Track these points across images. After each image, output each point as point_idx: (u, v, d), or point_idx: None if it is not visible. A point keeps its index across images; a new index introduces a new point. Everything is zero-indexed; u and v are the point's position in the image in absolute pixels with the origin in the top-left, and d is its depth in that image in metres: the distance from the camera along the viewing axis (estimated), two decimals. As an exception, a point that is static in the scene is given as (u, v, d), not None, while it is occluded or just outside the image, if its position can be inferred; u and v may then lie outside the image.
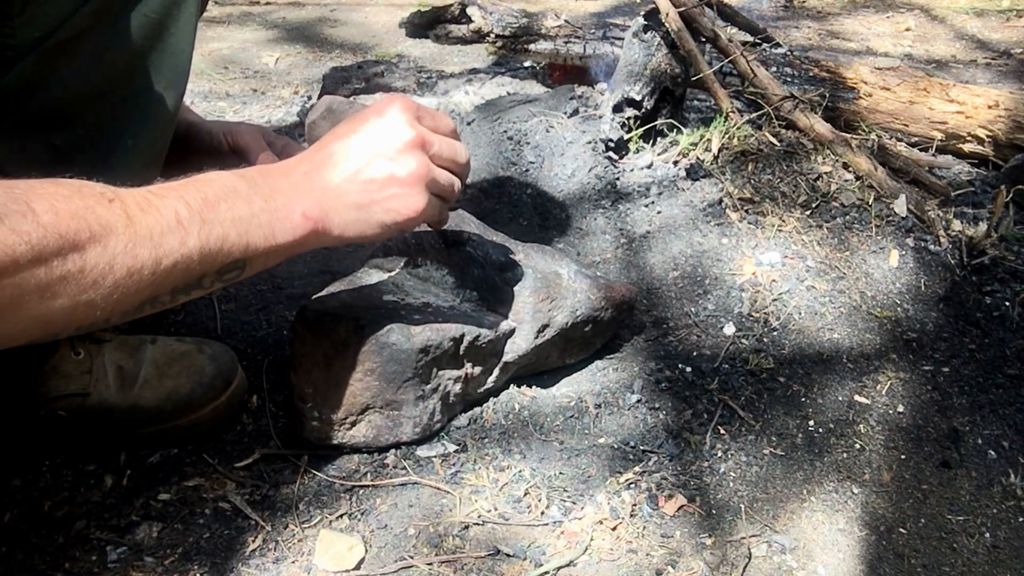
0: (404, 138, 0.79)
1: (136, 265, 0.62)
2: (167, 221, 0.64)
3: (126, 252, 0.61)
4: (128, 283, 0.62)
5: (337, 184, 0.77)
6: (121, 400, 0.95)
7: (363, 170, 0.78)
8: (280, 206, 0.73)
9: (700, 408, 1.06)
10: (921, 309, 1.23)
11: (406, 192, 0.79)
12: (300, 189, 0.75)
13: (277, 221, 0.72)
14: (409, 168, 0.78)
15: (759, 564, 0.88)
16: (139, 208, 0.63)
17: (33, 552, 0.84)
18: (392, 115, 0.80)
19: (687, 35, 1.44)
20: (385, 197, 0.78)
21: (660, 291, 1.27)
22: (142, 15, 0.78)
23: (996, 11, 3.08)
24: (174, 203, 0.65)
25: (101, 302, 0.61)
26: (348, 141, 0.79)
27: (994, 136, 1.68)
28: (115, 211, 0.61)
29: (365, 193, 0.78)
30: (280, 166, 0.77)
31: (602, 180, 1.46)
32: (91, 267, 0.59)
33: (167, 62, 0.82)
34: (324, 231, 0.76)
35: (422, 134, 0.80)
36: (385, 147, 0.78)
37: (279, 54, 2.57)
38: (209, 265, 0.68)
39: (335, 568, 0.83)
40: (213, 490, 0.92)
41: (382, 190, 0.78)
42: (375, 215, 0.78)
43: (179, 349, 1.01)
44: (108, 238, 0.60)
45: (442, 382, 0.97)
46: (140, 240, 0.62)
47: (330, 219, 0.76)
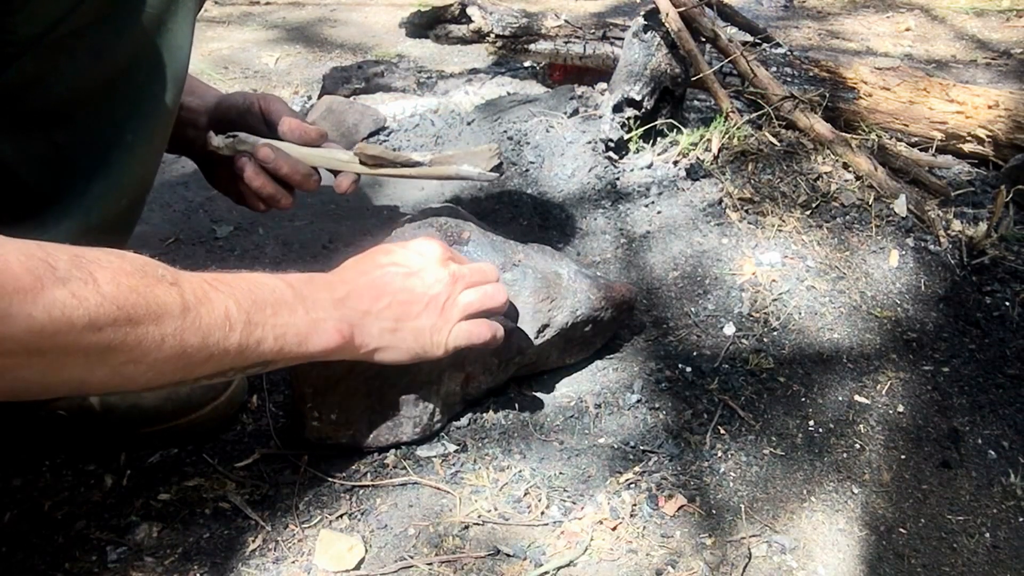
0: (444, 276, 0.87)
1: (181, 350, 0.65)
2: (217, 315, 0.68)
3: (175, 336, 0.64)
4: (168, 364, 0.65)
5: (378, 310, 0.83)
6: (121, 400, 0.95)
7: (403, 300, 0.84)
8: (319, 319, 0.78)
9: (700, 408, 1.06)
10: (921, 309, 1.23)
11: (438, 325, 0.86)
12: (340, 308, 0.80)
13: (313, 333, 0.77)
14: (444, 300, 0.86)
15: (759, 564, 0.88)
16: (195, 297, 0.66)
17: (33, 552, 0.84)
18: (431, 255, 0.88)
19: (687, 35, 1.44)
20: (417, 327, 0.85)
21: (660, 291, 1.27)
22: (142, 11, 0.78)
23: (996, 11, 3.08)
24: (226, 299, 0.69)
25: (138, 376, 0.64)
26: (391, 272, 0.86)
27: (994, 136, 1.68)
28: (173, 295, 0.64)
29: (399, 321, 0.84)
30: (327, 282, 0.83)
31: (602, 180, 1.46)
32: (140, 343, 0.62)
33: (167, 58, 0.82)
34: (353, 348, 0.81)
35: (455, 272, 0.88)
36: (427, 281, 0.86)
37: (279, 54, 2.57)
38: (241, 361, 0.71)
39: (335, 568, 0.83)
40: (213, 490, 0.92)
41: (416, 320, 0.85)
42: (405, 341, 0.85)
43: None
44: (163, 319, 0.63)
45: (442, 382, 0.97)
46: (191, 328, 0.65)
47: (363, 339, 0.82)
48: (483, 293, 0.90)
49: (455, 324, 0.87)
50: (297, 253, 1.39)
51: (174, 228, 1.46)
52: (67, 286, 0.57)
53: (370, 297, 0.83)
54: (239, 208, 1.08)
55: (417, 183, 1.58)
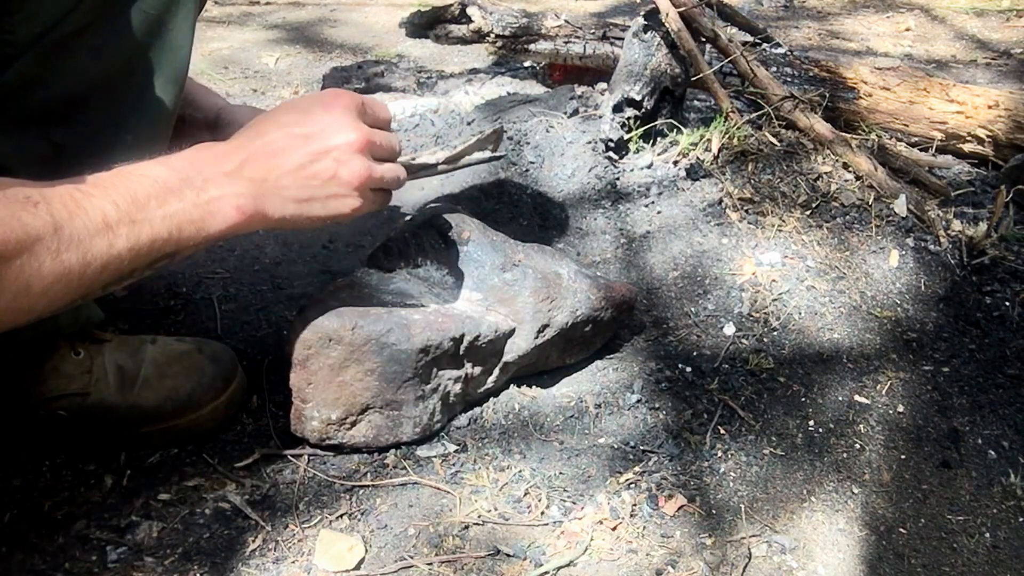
0: (351, 139, 0.79)
1: (63, 271, 0.62)
2: (94, 224, 0.64)
3: (54, 259, 0.61)
4: (57, 288, 0.62)
5: (276, 178, 0.76)
6: (121, 400, 0.95)
7: (306, 166, 0.77)
8: (212, 199, 0.72)
9: (700, 408, 1.06)
10: (921, 309, 1.23)
11: (347, 193, 0.79)
12: (235, 180, 0.74)
13: (209, 215, 0.71)
14: (353, 171, 0.79)
15: (759, 564, 0.88)
16: (67, 211, 0.62)
17: (33, 552, 0.84)
18: (340, 113, 0.79)
19: (687, 35, 1.44)
20: (325, 195, 0.79)
21: (660, 291, 1.27)
22: (141, 11, 0.78)
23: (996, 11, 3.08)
24: (102, 203, 0.65)
25: (36, 305, 0.62)
26: (292, 133, 0.78)
27: (994, 136, 1.68)
28: (41, 217, 0.60)
29: (305, 189, 0.77)
30: (215, 153, 0.75)
31: (602, 180, 1.46)
32: (20, 275, 0.59)
33: (166, 58, 0.82)
34: (258, 221, 0.76)
35: (368, 135, 0.80)
36: (331, 146, 0.78)
37: (279, 54, 2.57)
38: (139, 262, 0.68)
39: (335, 568, 0.83)
40: (213, 490, 0.92)
41: (323, 188, 0.78)
42: (312, 210, 0.79)
43: (179, 349, 1.01)
44: (35, 246, 0.60)
45: (442, 382, 0.97)
46: (68, 246, 0.62)
47: (265, 210, 0.75)
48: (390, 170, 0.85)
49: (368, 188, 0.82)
50: (297, 253, 1.39)
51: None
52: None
53: (268, 163, 0.76)
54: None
55: (417, 183, 1.58)
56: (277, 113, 0.80)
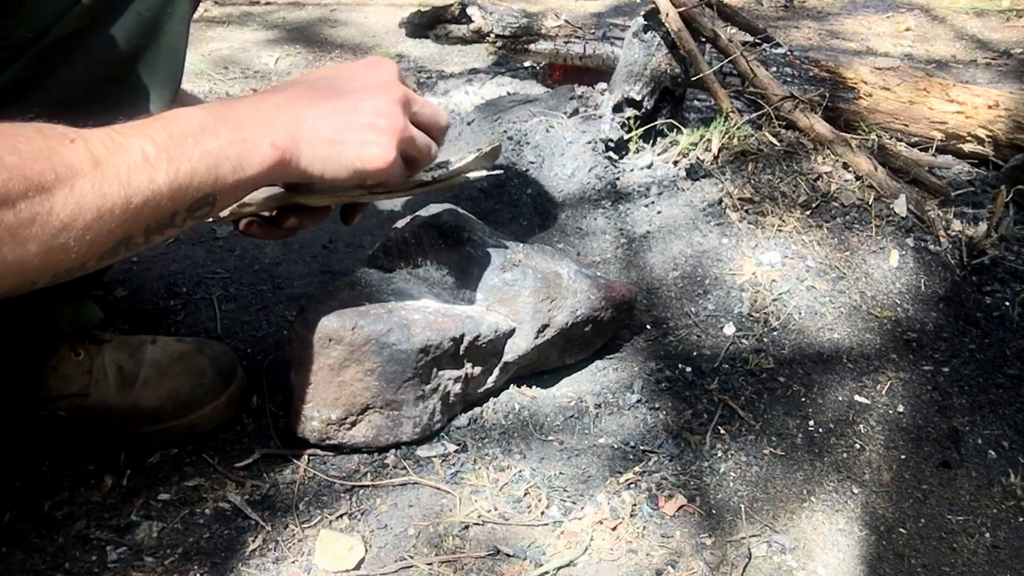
0: (391, 91, 0.79)
1: (106, 205, 0.61)
2: (134, 159, 0.63)
3: (94, 192, 0.60)
4: (99, 224, 0.61)
5: (314, 118, 0.76)
6: (121, 400, 0.95)
7: (344, 109, 0.77)
8: (248, 136, 0.71)
9: (700, 408, 1.06)
10: (921, 309, 1.23)
11: (381, 141, 0.78)
12: (270, 119, 0.73)
13: (246, 152, 0.71)
14: (391, 118, 0.78)
15: (759, 564, 0.88)
16: (104, 148, 0.62)
17: (33, 552, 0.84)
18: (382, 69, 0.80)
19: (687, 35, 1.44)
20: (360, 141, 0.77)
21: (660, 291, 1.27)
22: (136, 13, 0.78)
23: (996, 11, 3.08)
24: (140, 141, 0.64)
25: (74, 244, 0.60)
26: (332, 80, 0.79)
27: (994, 136, 1.68)
28: (79, 151, 0.60)
29: (341, 131, 0.76)
30: (250, 97, 0.76)
31: (602, 180, 1.46)
32: (60, 209, 0.58)
33: (161, 60, 0.82)
34: (292, 162, 0.74)
35: (408, 93, 0.80)
36: (371, 94, 0.78)
37: (279, 54, 2.57)
38: (180, 202, 0.67)
39: (335, 568, 0.83)
40: (213, 490, 0.92)
41: (359, 133, 0.77)
42: (345, 155, 0.76)
43: (179, 349, 1.01)
44: (75, 179, 0.59)
45: (442, 382, 0.97)
46: (108, 180, 0.61)
47: (300, 150, 0.74)
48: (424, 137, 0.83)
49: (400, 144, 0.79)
50: (297, 253, 1.39)
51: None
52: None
53: (306, 101, 0.76)
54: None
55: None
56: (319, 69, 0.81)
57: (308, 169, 0.75)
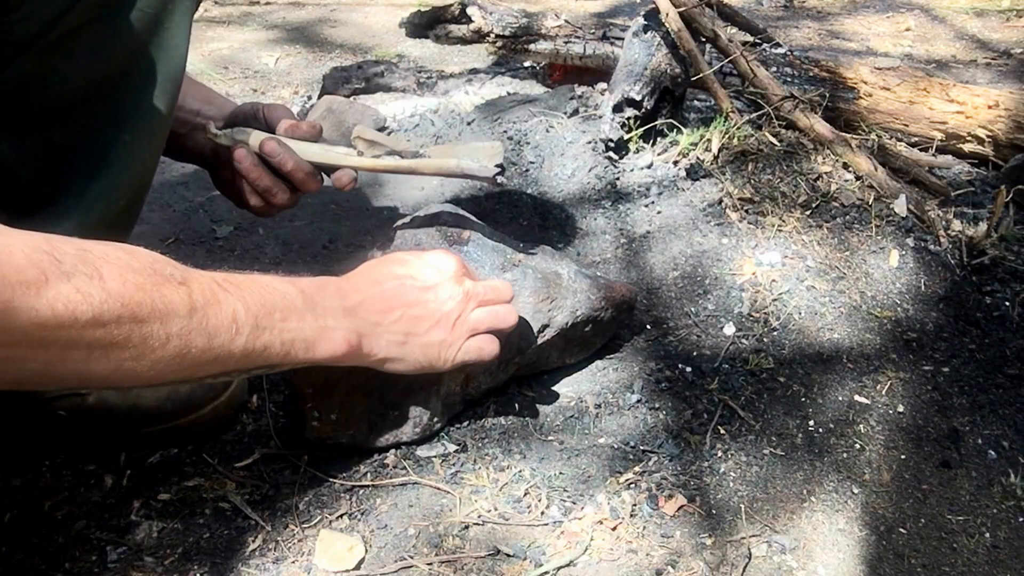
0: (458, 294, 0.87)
1: (186, 351, 0.65)
2: (225, 317, 0.68)
3: (181, 336, 0.64)
4: (171, 364, 0.65)
5: (388, 323, 0.83)
6: (121, 400, 0.95)
7: (415, 315, 0.84)
8: (328, 327, 0.77)
9: (700, 408, 1.06)
10: (921, 309, 1.23)
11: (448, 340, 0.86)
12: (351, 317, 0.80)
13: (321, 341, 0.77)
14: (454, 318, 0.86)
15: (759, 564, 0.88)
16: (203, 298, 0.66)
17: (33, 552, 0.84)
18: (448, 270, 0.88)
19: (687, 35, 1.43)
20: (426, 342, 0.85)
21: (660, 291, 1.27)
22: (139, 10, 0.78)
23: (996, 11, 3.08)
24: (235, 302, 0.69)
25: (140, 372, 0.63)
26: (405, 284, 0.85)
27: (994, 136, 1.68)
28: (181, 295, 0.64)
29: (409, 335, 0.84)
30: (338, 289, 0.82)
31: (602, 180, 1.46)
32: (144, 340, 0.62)
33: (164, 57, 0.82)
34: (359, 356, 0.81)
35: (467, 290, 0.88)
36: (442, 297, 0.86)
37: (279, 54, 2.57)
38: (246, 364, 0.71)
39: (335, 568, 0.83)
40: (213, 490, 0.92)
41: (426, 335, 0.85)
42: (411, 352, 0.85)
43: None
44: (169, 319, 0.63)
45: (442, 382, 0.97)
46: (197, 329, 0.65)
47: (370, 348, 0.82)
48: (494, 314, 0.90)
49: (464, 341, 0.88)
50: (297, 253, 1.39)
51: (174, 228, 1.46)
52: (72, 281, 0.57)
53: (382, 309, 0.83)
54: (239, 208, 1.08)
55: (417, 183, 1.58)
56: (391, 263, 0.88)
57: (376, 364, 0.84)
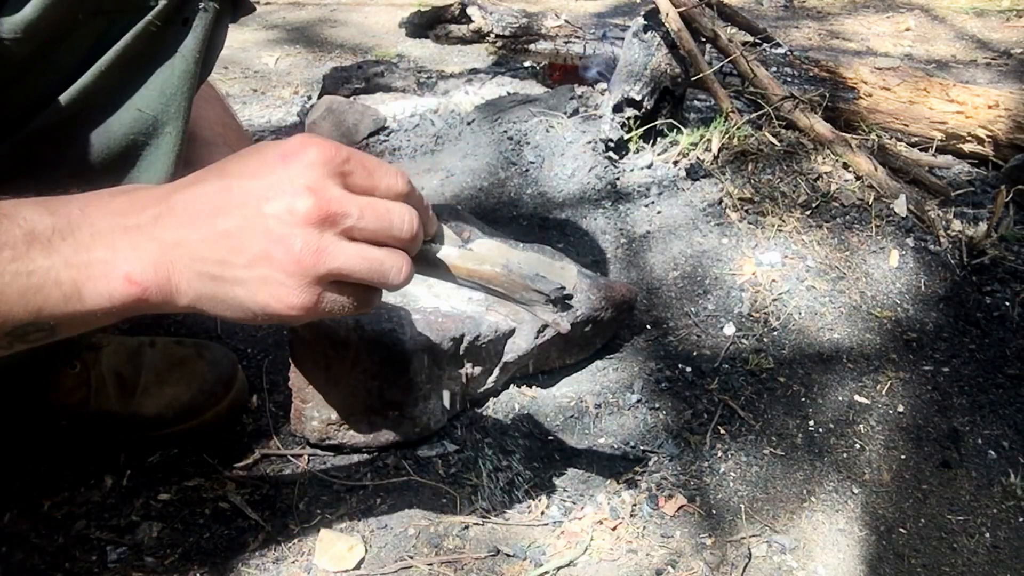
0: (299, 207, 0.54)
1: None
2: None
3: None
4: None
5: (195, 243, 0.54)
6: (121, 409, 0.94)
7: (232, 234, 0.54)
8: (95, 260, 0.53)
9: (700, 408, 1.06)
10: (921, 309, 1.23)
11: (281, 281, 0.54)
12: (136, 239, 0.54)
13: (87, 280, 0.53)
14: (291, 251, 0.54)
15: (759, 564, 0.88)
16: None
17: (33, 552, 0.84)
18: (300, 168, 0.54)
19: (687, 35, 1.43)
20: (252, 278, 0.55)
21: (660, 291, 1.27)
22: (135, 109, 0.73)
23: (996, 11, 3.08)
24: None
25: None
26: (230, 185, 0.55)
27: (994, 136, 1.68)
28: None
29: (227, 265, 0.55)
30: (125, 200, 0.56)
31: (602, 180, 1.46)
32: None
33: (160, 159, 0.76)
34: (162, 299, 0.55)
35: (329, 204, 0.54)
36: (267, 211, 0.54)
37: (279, 54, 2.57)
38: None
39: (335, 568, 0.83)
40: (213, 490, 0.92)
41: (249, 268, 0.54)
42: (233, 295, 0.55)
43: (179, 354, 1.00)
44: None
45: (442, 382, 0.97)
46: None
47: (173, 285, 0.55)
48: (371, 259, 0.57)
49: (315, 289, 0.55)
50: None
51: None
52: None
53: (188, 222, 0.55)
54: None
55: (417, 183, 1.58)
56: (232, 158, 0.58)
57: (192, 305, 0.56)
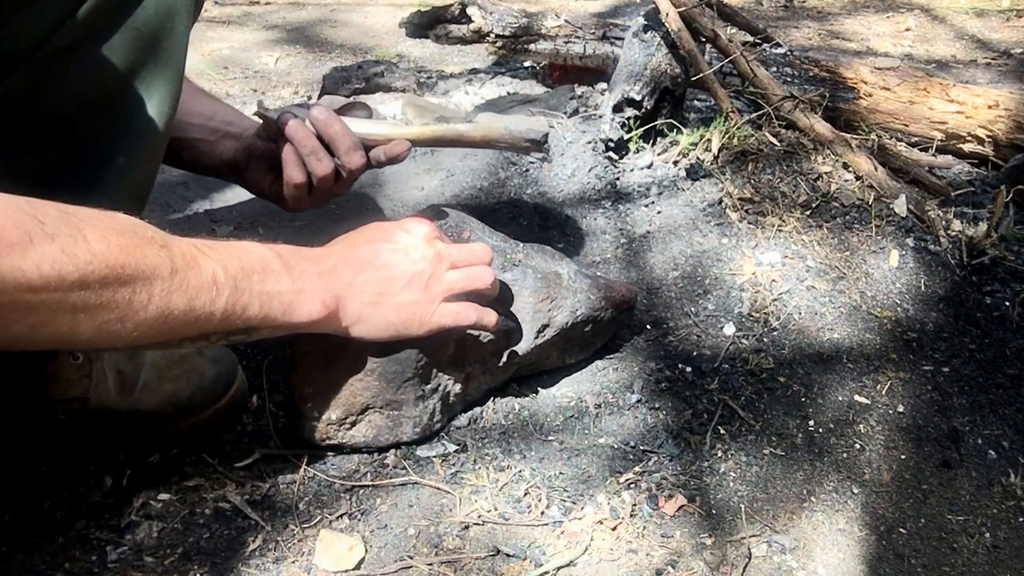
0: (427, 254, 0.88)
1: (167, 311, 0.66)
2: (205, 279, 0.69)
3: (163, 297, 0.65)
4: (154, 325, 0.66)
5: (361, 282, 0.85)
6: (121, 404, 0.95)
7: (387, 274, 0.86)
8: (304, 290, 0.79)
9: (700, 408, 1.06)
10: (921, 309, 1.23)
11: (417, 299, 0.87)
12: (326, 279, 0.82)
13: (298, 303, 0.78)
14: (424, 276, 0.87)
15: (759, 564, 0.88)
16: (184, 260, 0.68)
17: (33, 552, 0.84)
18: (419, 233, 0.89)
19: (687, 35, 1.44)
20: (398, 302, 0.86)
21: (660, 291, 1.27)
22: (133, 29, 0.77)
23: (996, 11, 3.08)
24: (214, 265, 0.70)
25: (123, 335, 0.64)
26: (377, 247, 0.87)
27: (994, 136, 1.68)
28: (163, 257, 0.66)
29: (381, 296, 0.86)
30: (313, 254, 0.84)
31: (602, 180, 1.46)
32: (128, 302, 0.63)
33: (160, 78, 0.81)
34: (335, 320, 0.83)
35: (439, 251, 0.89)
36: (410, 257, 0.87)
37: (279, 54, 2.57)
38: (225, 326, 0.73)
39: (335, 568, 0.83)
40: (213, 490, 0.92)
41: (398, 295, 0.86)
42: (385, 316, 0.86)
43: (179, 351, 1.00)
44: (152, 280, 0.64)
45: (442, 382, 0.97)
46: (178, 290, 0.66)
47: (345, 309, 0.84)
48: (469, 273, 0.91)
49: (439, 303, 0.88)
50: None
51: (174, 228, 1.46)
52: (56, 242, 0.57)
53: (354, 270, 0.85)
54: (239, 208, 1.08)
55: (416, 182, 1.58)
56: (366, 230, 0.90)
57: (350, 326, 0.85)
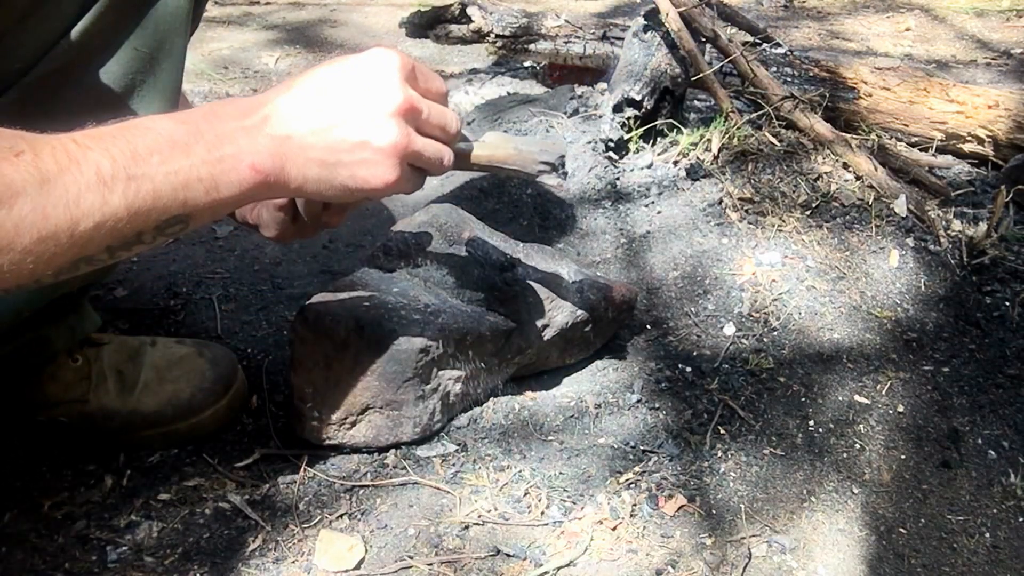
0: (392, 102, 0.70)
1: (48, 229, 0.56)
2: (87, 179, 0.58)
3: (35, 215, 0.55)
4: (42, 248, 0.57)
5: (302, 135, 0.68)
6: (121, 405, 0.95)
7: (336, 126, 0.69)
8: (226, 155, 0.65)
9: (700, 408, 1.06)
10: (921, 309, 1.23)
11: (379, 161, 0.70)
12: (254, 136, 0.67)
13: (221, 174, 0.65)
14: (389, 138, 0.70)
15: (759, 564, 0.88)
16: (55, 164, 0.57)
17: (33, 552, 0.84)
18: (385, 70, 0.70)
19: (687, 35, 1.43)
20: (354, 161, 0.70)
21: (660, 291, 1.27)
22: (132, 48, 0.76)
23: (996, 11, 3.08)
24: (97, 157, 0.59)
25: (13, 267, 0.56)
26: (326, 87, 0.70)
27: (994, 136, 1.68)
28: (25, 169, 0.55)
29: (332, 152, 0.69)
30: (237, 107, 0.68)
31: (602, 180, 1.46)
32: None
33: (158, 97, 0.80)
34: (278, 184, 0.68)
35: (412, 100, 0.71)
36: (368, 106, 0.69)
37: (279, 54, 2.57)
38: (142, 223, 0.62)
39: (335, 568, 0.83)
40: (213, 490, 0.92)
41: (352, 152, 0.69)
42: (339, 177, 0.70)
43: (179, 352, 1.00)
44: (14, 200, 0.54)
45: (442, 382, 0.97)
46: (54, 202, 0.56)
47: (286, 172, 0.68)
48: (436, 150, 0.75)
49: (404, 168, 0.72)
50: (297, 253, 1.39)
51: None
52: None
53: (296, 117, 0.68)
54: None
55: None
56: (317, 68, 0.72)
57: (301, 189, 0.70)
